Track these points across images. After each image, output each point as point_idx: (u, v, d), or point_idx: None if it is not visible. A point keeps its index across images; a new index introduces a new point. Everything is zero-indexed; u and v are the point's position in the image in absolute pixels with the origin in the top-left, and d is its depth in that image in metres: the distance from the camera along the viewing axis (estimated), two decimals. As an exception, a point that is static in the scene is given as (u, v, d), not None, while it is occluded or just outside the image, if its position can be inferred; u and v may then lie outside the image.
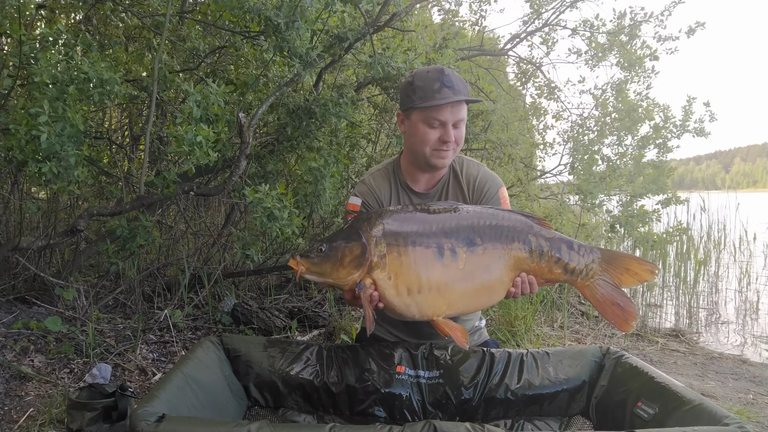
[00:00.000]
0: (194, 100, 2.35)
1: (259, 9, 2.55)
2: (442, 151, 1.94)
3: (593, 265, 1.77)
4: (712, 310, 5.23)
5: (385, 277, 1.70)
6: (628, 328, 1.76)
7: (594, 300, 1.79)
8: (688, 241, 5.95)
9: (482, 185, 2.08)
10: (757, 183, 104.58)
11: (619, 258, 1.80)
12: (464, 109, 1.94)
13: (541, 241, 1.75)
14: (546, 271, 1.77)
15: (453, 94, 1.87)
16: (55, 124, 2.20)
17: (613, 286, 1.76)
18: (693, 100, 5.15)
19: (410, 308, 1.72)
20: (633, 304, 1.76)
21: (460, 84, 1.91)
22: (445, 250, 1.70)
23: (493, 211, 1.81)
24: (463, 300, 1.75)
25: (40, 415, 2.22)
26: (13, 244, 2.82)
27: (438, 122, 1.90)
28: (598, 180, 4.72)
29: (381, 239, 1.70)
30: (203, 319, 3.40)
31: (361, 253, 1.69)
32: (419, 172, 2.08)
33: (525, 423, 1.99)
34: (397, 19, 3.09)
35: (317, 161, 2.83)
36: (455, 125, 1.92)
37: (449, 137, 1.90)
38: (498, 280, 1.75)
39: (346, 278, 1.71)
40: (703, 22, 4.86)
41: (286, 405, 2.01)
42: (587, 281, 1.78)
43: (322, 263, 1.70)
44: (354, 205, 2.10)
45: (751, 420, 2.68)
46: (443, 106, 1.87)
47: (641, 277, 1.78)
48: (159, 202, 3.02)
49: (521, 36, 5.26)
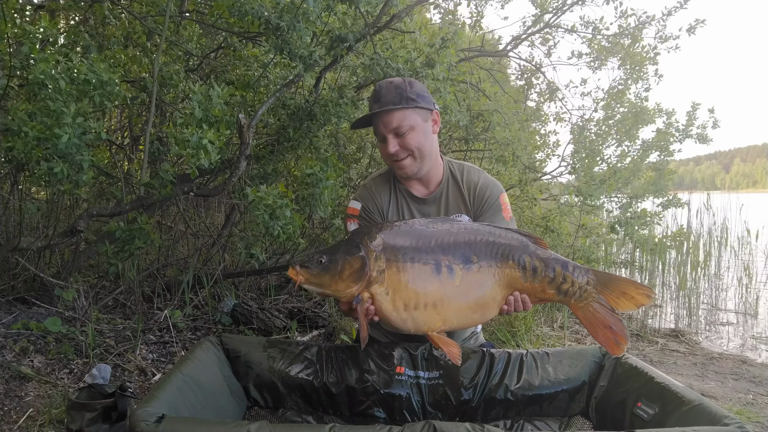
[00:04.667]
0: (197, 100, 2.35)
1: (258, 13, 2.55)
2: (397, 162, 1.98)
3: (587, 287, 1.76)
4: (712, 310, 5.23)
5: (383, 292, 1.71)
6: (618, 351, 1.75)
7: (586, 321, 1.79)
8: (688, 241, 5.95)
9: (483, 192, 2.08)
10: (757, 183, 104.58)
11: (615, 281, 1.79)
12: (400, 116, 1.90)
13: (536, 261, 1.76)
14: (539, 291, 1.78)
15: (378, 107, 1.90)
16: (77, 125, 2.20)
17: (608, 309, 1.76)
18: (697, 106, 5.15)
19: (406, 323, 1.74)
20: (625, 328, 1.75)
21: (390, 94, 1.91)
22: (442, 267, 1.71)
23: (490, 228, 1.82)
24: (458, 316, 1.76)
25: (40, 416, 2.21)
26: (13, 245, 2.81)
27: (380, 136, 1.96)
28: (599, 182, 4.72)
29: (381, 254, 1.72)
30: (203, 320, 3.40)
31: (360, 267, 1.70)
32: (409, 180, 2.10)
33: (525, 423, 1.99)
34: (397, 20, 3.09)
35: (314, 167, 2.83)
36: (396, 134, 1.92)
37: (389, 149, 1.94)
38: (491, 297, 1.76)
39: (344, 291, 1.72)
40: (703, 20, 4.85)
41: (285, 405, 2.01)
42: (581, 303, 1.78)
43: (321, 275, 1.71)
44: (354, 209, 2.11)
45: (751, 420, 2.68)
46: (375, 123, 1.95)
47: (638, 302, 1.76)
48: (159, 203, 3.02)
49: (522, 37, 5.25)
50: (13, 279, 3.14)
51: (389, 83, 1.95)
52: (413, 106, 1.93)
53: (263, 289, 4.02)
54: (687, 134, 5.13)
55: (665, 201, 5.27)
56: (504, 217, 2.09)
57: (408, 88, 1.94)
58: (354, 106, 3.18)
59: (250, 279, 4.00)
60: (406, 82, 1.96)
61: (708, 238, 6.46)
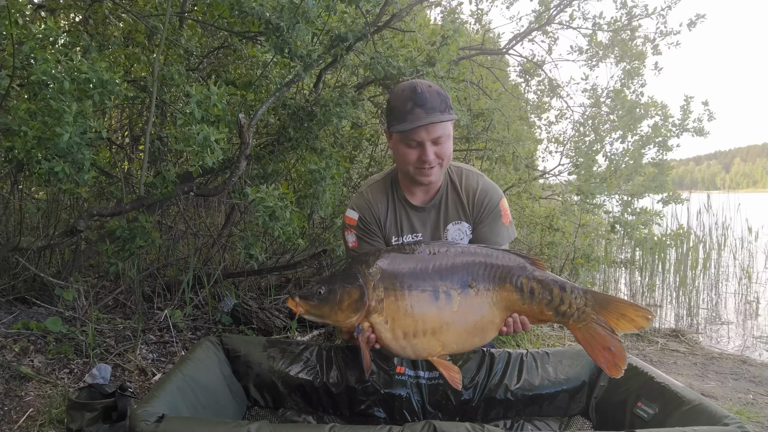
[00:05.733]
0: (196, 101, 2.35)
1: (259, 13, 2.55)
2: (424, 170, 1.91)
3: (586, 308, 1.76)
4: (712, 310, 5.23)
5: (382, 321, 1.72)
6: (617, 373, 1.73)
7: (584, 341, 1.78)
8: (688, 241, 5.95)
9: (482, 198, 2.07)
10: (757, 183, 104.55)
11: (614, 303, 1.78)
12: (444, 126, 1.88)
13: (533, 283, 1.76)
14: (537, 313, 1.78)
15: (425, 113, 1.82)
16: (76, 125, 2.20)
17: (607, 330, 1.75)
18: (690, 99, 5.14)
19: (406, 350, 1.76)
20: (624, 351, 1.74)
21: (435, 100, 1.85)
22: (440, 293, 1.72)
23: (487, 250, 1.82)
24: (457, 341, 1.77)
25: (40, 416, 2.21)
26: (13, 245, 2.81)
27: (415, 142, 1.87)
28: (599, 181, 4.71)
29: (379, 283, 1.73)
30: (203, 320, 3.40)
31: (359, 298, 1.71)
32: (414, 186, 2.07)
33: (525, 423, 1.99)
34: (397, 19, 3.09)
35: (318, 163, 2.83)
36: (435, 142, 1.87)
37: (427, 156, 1.87)
38: (489, 321, 1.77)
39: (344, 321, 1.74)
40: (703, 14, 4.85)
41: (285, 405, 2.01)
42: (579, 323, 1.78)
43: (320, 306, 1.73)
44: (351, 219, 2.09)
45: (751, 420, 2.68)
46: (415, 129, 1.83)
47: (637, 324, 1.75)
48: (159, 203, 3.02)
49: (522, 34, 5.24)
50: (13, 279, 3.14)
51: (429, 87, 1.87)
52: (453, 116, 1.91)
53: (263, 289, 4.02)
54: (684, 128, 5.12)
55: (665, 197, 5.26)
56: (504, 223, 2.08)
57: (446, 95, 1.90)
58: (354, 106, 3.17)
59: (250, 279, 4.00)
60: (440, 87, 1.92)
61: (708, 238, 6.46)
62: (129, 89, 3.07)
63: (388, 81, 3.17)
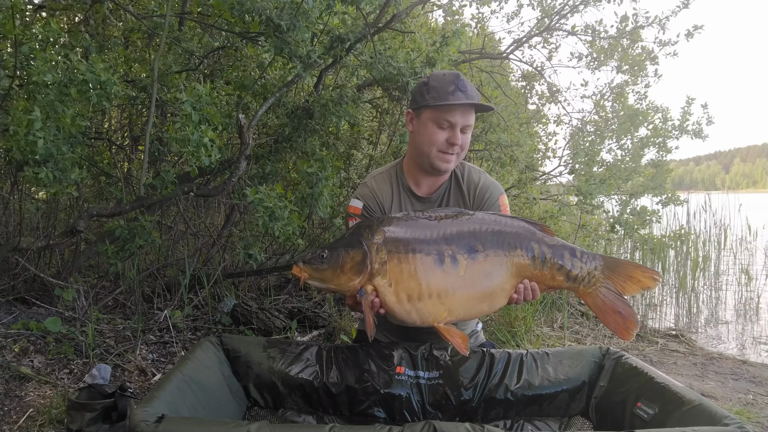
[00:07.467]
0: (189, 103, 2.35)
1: (260, 10, 2.55)
2: (447, 155, 1.95)
3: (596, 272, 1.77)
4: (712, 310, 5.23)
5: (385, 284, 1.71)
6: (628, 336, 1.75)
7: (595, 307, 1.79)
8: (688, 241, 5.95)
9: (483, 192, 2.09)
10: (757, 184, 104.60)
11: (622, 265, 1.80)
12: (473, 116, 1.96)
13: (544, 248, 1.76)
14: (548, 278, 1.77)
15: (466, 98, 1.90)
16: (48, 128, 2.20)
17: (616, 294, 1.77)
18: (692, 101, 5.16)
19: (411, 315, 1.74)
20: (634, 313, 1.76)
21: (473, 91, 1.94)
22: (445, 257, 1.70)
23: (495, 217, 1.81)
24: (464, 307, 1.75)
25: (40, 416, 2.21)
26: (13, 245, 2.81)
27: (447, 123, 1.92)
28: (598, 182, 4.72)
29: (382, 246, 1.72)
30: (203, 320, 3.40)
31: (361, 260, 1.70)
32: (422, 176, 2.09)
33: (525, 423, 1.99)
34: (397, 20, 3.08)
35: (313, 167, 2.83)
36: (463, 129, 1.94)
37: (456, 140, 1.92)
38: (499, 287, 1.75)
39: (347, 284, 1.72)
40: (701, 26, 4.86)
41: (285, 405, 2.01)
42: (589, 289, 1.78)
43: (323, 270, 1.72)
44: (355, 208, 2.10)
45: (751, 420, 2.68)
46: (455, 108, 1.89)
47: (644, 285, 1.77)
48: (158, 203, 3.02)
49: (523, 40, 5.25)
50: (13, 279, 3.14)
51: (467, 80, 1.97)
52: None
53: (263, 289, 4.02)
54: (683, 130, 5.14)
55: (665, 198, 5.27)
56: None
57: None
58: (355, 105, 3.17)
59: (250, 279, 4.00)
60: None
61: (708, 238, 6.46)
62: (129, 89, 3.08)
63: (388, 82, 3.17)
